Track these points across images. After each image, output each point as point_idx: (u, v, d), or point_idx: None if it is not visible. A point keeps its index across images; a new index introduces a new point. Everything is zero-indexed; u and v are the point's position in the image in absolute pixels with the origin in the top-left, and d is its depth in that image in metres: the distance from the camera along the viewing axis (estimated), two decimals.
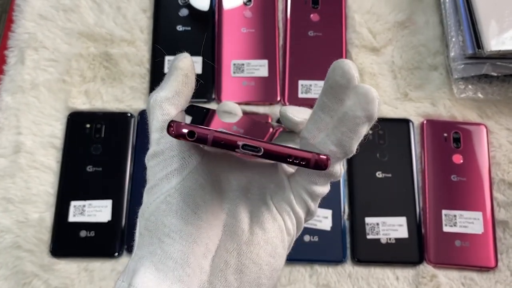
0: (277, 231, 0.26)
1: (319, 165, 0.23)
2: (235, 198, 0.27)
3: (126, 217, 0.53)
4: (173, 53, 0.59)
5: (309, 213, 0.28)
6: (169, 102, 0.26)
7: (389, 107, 0.58)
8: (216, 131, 0.23)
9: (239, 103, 0.58)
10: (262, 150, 0.23)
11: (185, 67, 0.27)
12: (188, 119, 0.27)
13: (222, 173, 0.28)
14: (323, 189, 0.27)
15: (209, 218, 0.26)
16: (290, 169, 0.28)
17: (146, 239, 0.25)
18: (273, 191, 0.27)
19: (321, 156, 0.23)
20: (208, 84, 0.58)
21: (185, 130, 0.23)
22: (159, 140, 0.26)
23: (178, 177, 0.26)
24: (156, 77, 0.58)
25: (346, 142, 0.25)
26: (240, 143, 0.23)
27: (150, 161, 0.26)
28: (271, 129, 0.29)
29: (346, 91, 0.25)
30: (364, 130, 0.25)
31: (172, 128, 0.23)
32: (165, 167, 0.26)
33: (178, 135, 0.23)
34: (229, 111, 0.32)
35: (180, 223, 0.25)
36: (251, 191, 0.28)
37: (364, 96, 0.24)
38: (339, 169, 0.27)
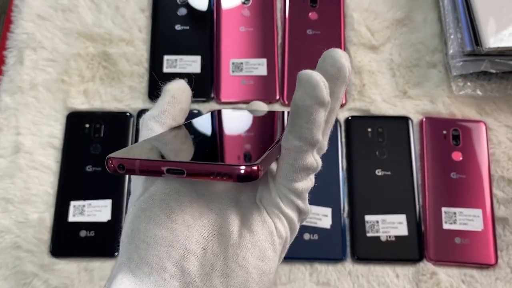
0: (266, 233, 0.26)
1: (243, 177, 0.23)
2: (226, 200, 0.27)
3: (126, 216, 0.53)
4: (172, 52, 0.59)
5: (301, 212, 0.27)
6: (154, 120, 0.29)
7: (388, 104, 0.58)
8: (142, 160, 0.24)
9: (238, 102, 0.58)
10: (185, 172, 0.23)
11: (172, 89, 0.30)
12: (164, 143, 0.28)
13: None
14: (305, 184, 0.26)
15: (186, 220, 0.25)
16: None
17: (125, 246, 0.26)
18: (262, 193, 0.27)
19: (241, 169, 0.22)
20: (207, 83, 0.58)
21: (114, 164, 0.24)
22: None
23: (151, 185, 0.27)
24: (155, 76, 0.58)
25: (307, 134, 0.25)
26: (164, 168, 0.23)
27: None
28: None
29: (337, 82, 0.25)
30: (321, 116, 0.25)
31: (108, 164, 0.24)
32: (140, 177, 0.27)
33: (113, 171, 0.24)
34: (257, 110, 0.34)
35: (154, 228, 0.25)
36: (243, 193, 0.27)
37: (307, 83, 0.24)
38: (313, 161, 0.26)
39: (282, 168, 0.26)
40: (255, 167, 0.23)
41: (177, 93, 0.30)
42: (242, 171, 0.22)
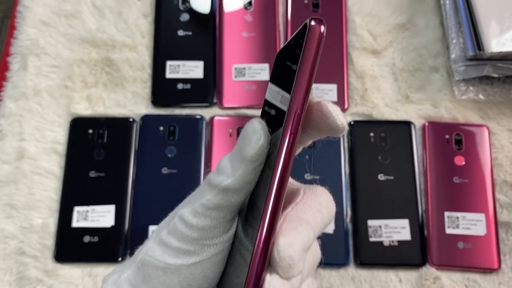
0: None
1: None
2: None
3: (129, 221, 0.53)
4: (175, 57, 0.59)
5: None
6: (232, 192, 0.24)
7: (390, 109, 0.58)
8: None
9: (241, 107, 0.58)
10: None
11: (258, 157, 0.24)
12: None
13: None
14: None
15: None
16: None
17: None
18: None
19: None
20: (209, 88, 0.58)
21: None
22: (201, 215, 0.24)
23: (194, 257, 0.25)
24: (158, 82, 0.58)
25: None
26: None
27: (190, 217, 0.25)
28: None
29: None
30: None
31: None
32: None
33: None
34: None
35: None
36: None
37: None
38: None
39: None
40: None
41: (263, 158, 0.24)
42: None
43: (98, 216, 0.53)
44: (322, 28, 0.23)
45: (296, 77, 0.23)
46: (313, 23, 0.23)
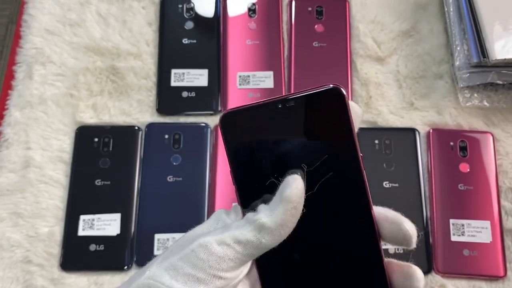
0: None
1: None
2: None
3: (135, 230, 0.53)
4: (179, 66, 0.59)
5: None
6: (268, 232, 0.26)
7: (395, 116, 0.58)
8: None
9: None
10: None
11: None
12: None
13: None
14: None
15: None
16: None
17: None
18: None
19: None
20: (214, 96, 0.59)
21: None
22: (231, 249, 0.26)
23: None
24: (162, 90, 0.59)
25: None
26: None
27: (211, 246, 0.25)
28: None
29: None
30: None
31: None
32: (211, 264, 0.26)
33: None
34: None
35: None
36: None
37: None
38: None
39: None
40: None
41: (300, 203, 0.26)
42: None
43: (104, 225, 0.53)
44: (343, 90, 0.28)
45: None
46: (336, 87, 0.28)
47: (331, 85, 0.27)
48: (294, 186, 0.26)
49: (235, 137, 0.28)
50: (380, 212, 0.28)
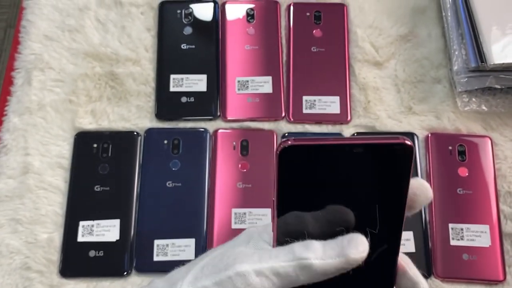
0: None
1: None
2: None
3: (134, 235, 0.53)
4: (178, 71, 0.60)
5: None
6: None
7: (393, 121, 0.58)
8: None
9: (244, 120, 0.58)
10: None
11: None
12: None
13: None
14: None
15: None
16: None
17: None
18: None
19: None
20: (213, 101, 0.59)
21: None
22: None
23: None
24: (161, 95, 0.59)
25: None
26: None
27: None
28: None
29: None
30: None
31: None
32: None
33: None
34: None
35: None
36: None
37: None
38: None
39: None
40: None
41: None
42: None
43: (103, 231, 0.53)
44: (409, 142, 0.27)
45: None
46: (408, 142, 0.26)
47: (404, 140, 0.26)
48: (361, 250, 0.26)
49: (291, 171, 0.26)
50: (401, 264, 0.30)
